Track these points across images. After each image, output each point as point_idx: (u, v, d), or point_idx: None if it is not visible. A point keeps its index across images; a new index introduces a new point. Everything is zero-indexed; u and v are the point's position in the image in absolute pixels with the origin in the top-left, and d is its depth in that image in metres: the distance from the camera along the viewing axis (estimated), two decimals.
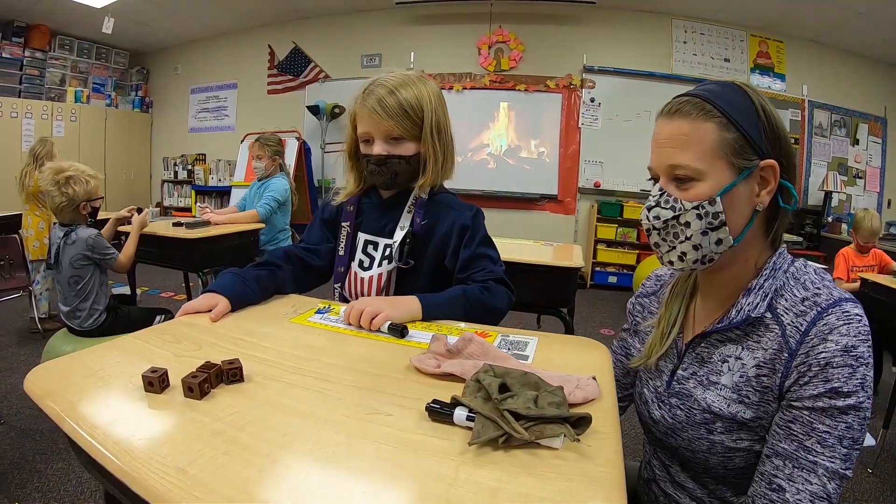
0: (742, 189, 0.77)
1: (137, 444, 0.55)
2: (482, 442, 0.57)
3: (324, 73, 6.60)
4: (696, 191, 0.77)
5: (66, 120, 6.43)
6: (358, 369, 0.79)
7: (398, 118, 1.12)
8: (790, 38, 5.89)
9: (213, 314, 0.99)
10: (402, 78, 1.15)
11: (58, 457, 2.14)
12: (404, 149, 1.16)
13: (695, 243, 0.79)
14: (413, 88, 1.14)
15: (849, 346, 0.69)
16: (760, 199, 0.79)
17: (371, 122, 1.14)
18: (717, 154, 0.76)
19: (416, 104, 1.13)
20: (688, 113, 0.78)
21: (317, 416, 0.63)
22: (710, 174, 0.77)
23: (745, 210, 0.79)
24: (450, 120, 1.22)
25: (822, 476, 0.68)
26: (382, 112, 1.11)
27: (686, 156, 0.77)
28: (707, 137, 0.76)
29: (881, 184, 6.18)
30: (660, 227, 0.82)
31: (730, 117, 0.76)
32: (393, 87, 1.12)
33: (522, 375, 0.69)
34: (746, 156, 0.77)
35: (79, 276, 2.29)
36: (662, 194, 0.81)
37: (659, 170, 0.82)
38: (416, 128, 1.15)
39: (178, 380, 0.68)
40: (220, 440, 0.57)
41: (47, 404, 0.64)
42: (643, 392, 0.97)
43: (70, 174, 2.26)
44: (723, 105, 0.77)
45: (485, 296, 1.13)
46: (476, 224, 1.22)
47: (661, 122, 0.82)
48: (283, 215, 3.48)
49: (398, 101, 1.11)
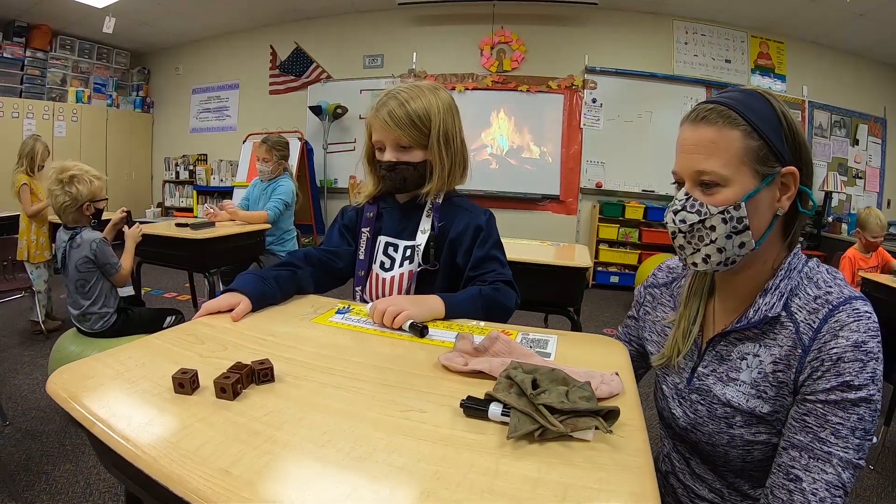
0: (765, 195, 0.80)
1: (175, 446, 0.55)
2: (519, 435, 0.59)
3: (326, 74, 6.61)
4: (721, 196, 0.80)
5: (68, 120, 6.42)
6: (386, 367, 0.79)
7: (406, 128, 1.19)
8: (791, 39, 5.91)
9: (235, 313, 1.00)
10: (415, 90, 1.22)
11: (65, 458, 2.13)
12: (412, 156, 1.23)
13: (719, 246, 0.81)
14: (423, 100, 1.21)
15: (859, 341, 0.72)
16: (781, 205, 0.82)
17: (383, 132, 1.22)
18: (741, 161, 0.78)
19: (425, 115, 1.20)
20: (713, 121, 0.80)
21: (353, 415, 0.64)
22: (735, 180, 0.79)
23: (766, 214, 0.81)
24: (461, 128, 1.29)
25: (836, 465, 0.71)
26: (392, 123, 1.19)
27: (712, 162, 0.79)
28: (732, 145, 0.78)
29: (881, 184, 6.21)
30: (686, 230, 0.83)
31: (754, 125, 0.78)
32: (404, 99, 1.20)
33: (550, 372, 0.70)
34: (769, 163, 0.79)
35: (85, 280, 2.29)
36: (688, 199, 0.83)
37: (684, 175, 0.84)
38: (424, 137, 1.22)
39: (208, 381, 0.68)
40: (260, 440, 0.57)
41: (74, 407, 0.63)
42: (662, 388, 1.00)
43: (74, 173, 2.25)
44: (747, 113, 0.79)
45: (498, 295, 1.19)
46: (490, 227, 1.29)
47: (687, 128, 0.84)
48: (289, 216, 3.50)
49: (407, 112, 1.19)
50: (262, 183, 3.52)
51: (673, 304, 1.03)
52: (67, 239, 2.29)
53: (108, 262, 2.30)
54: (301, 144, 6.08)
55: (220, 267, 3.02)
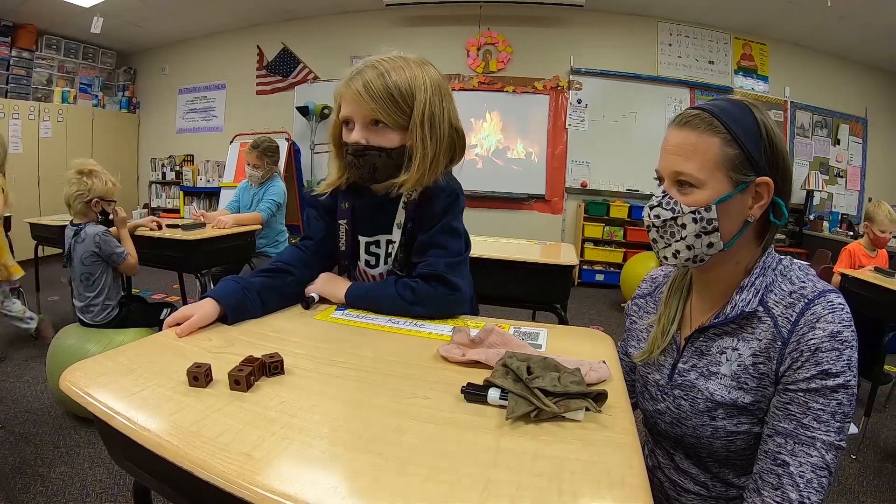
0: (736, 201, 0.85)
1: (196, 435, 0.58)
2: (517, 416, 0.64)
3: (313, 74, 6.61)
4: (695, 197, 0.85)
5: (53, 120, 6.34)
6: (388, 360, 0.84)
7: (382, 102, 1.01)
8: (773, 41, 6.03)
9: (181, 330, 0.90)
10: (399, 61, 1.05)
11: (60, 461, 2.14)
12: (386, 139, 1.05)
13: (688, 244, 0.87)
14: (406, 72, 1.03)
15: (834, 332, 0.77)
16: (752, 212, 0.86)
17: (353, 105, 1.04)
18: (717, 166, 0.83)
19: (407, 89, 1.03)
20: (696, 126, 0.85)
21: (362, 402, 0.68)
22: (710, 184, 0.84)
23: (737, 220, 0.86)
24: (452, 111, 1.11)
25: (820, 449, 0.75)
26: (366, 94, 1.01)
27: (690, 164, 0.84)
28: (711, 151, 0.83)
29: (861, 182, 6.34)
30: (659, 225, 0.89)
31: (734, 135, 0.83)
32: (385, 69, 1.02)
33: (542, 360, 0.75)
34: (744, 171, 0.84)
35: (90, 273, 2.38)
36: (665, 196, 0.88)
37: (664, 173, 0.89)
38: (404, 117, 1.04)
39: (220, 375, 0.72)
40: (277, 426, 0.61)
41: (90, 402, 0.65)
42: (646, 388, 1.04)
43: (94, 169, 2.41)
44: (729, 122, 0.83)
45: (406, 298, 1.07)
46: (448, 209, 1.11)
47: (672, 130, 0.89)
48: (281, 217, 3.51)
49: (386, 84, 1.01)
50: (252, 187, 3.50)
51: (656, 310, 1.08)
52: (72, 234, 2.40)
53: (114, 252, 2.40)
54: (288, 145, 6.07)
55: (212, 268, 3.04)
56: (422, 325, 1.05)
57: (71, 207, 2.41)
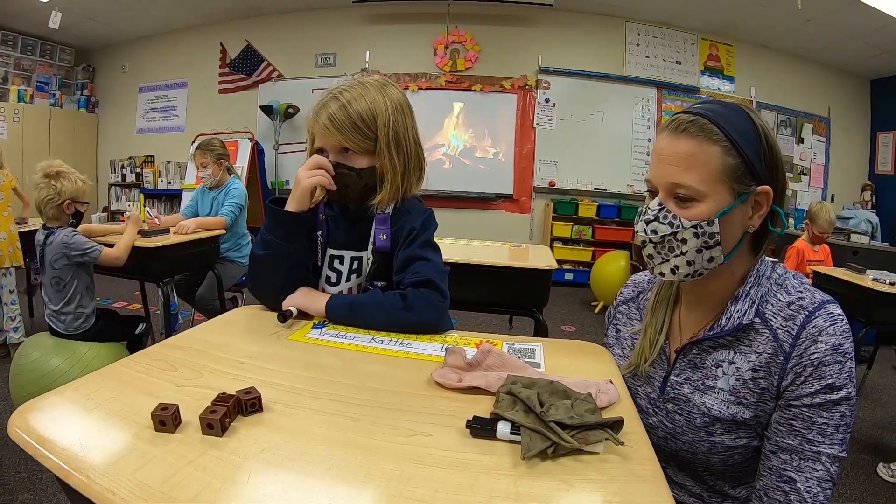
0: (738, 212, 0.81)
1: (168, 497, 0.49)
2: (534, 455, 0.58)
3: (277, 73, 6.45)
4: (696, 210, 0.80)
5: (9, 120, 6.03)
6: (377, 388, 0.76)
7: (348, 132, 1.08)
8: (740, 42, 6.16)
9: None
10: (359, 89, 1.10)
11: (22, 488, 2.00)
12: (357, 163, 1.12)
13: (689, 259, 0.82)
14: (367, 100, 1.09)
15: (836, 344, 0.75)
16: (752, 223, 0.83)
17: (322, 137, 1.12)
18: (719, 178, 0.79)
19: (370, 116, 1.09)
20: (694, 134, 0.79)
21: (356, 444, 0.60)
22: (711, 196, 0.79)
23: (737, 231, 0.83)
24: (416, 129, 1.17)
25: (825, 462, 0.74)
26: (332, 127, 1.08)
27: (690, 176, 0.79)
28: (712, 161, 0.78)
29: (825, 180, 6.54)
30: (657, 241, 0.84)
31: (735, 142, 0.78)
32: (346, 100, 1.08)
33: (549, 385, 0.69)
34: (746, 181, 0.80)
35: (59, 278, 2.29)
36: (661, 209, 0.83)
37: (659, 185, 0.84)
38: (369, 141, 1.10)
39: (190, 415, 0.62)
40: (262, 481, 0.52)
41: (44, 454, 0.55)
42: (635, 401, 0.99)
43: (61, 170, 2.31)
44: (728, 129, 0.79)
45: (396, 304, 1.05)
46: (424, 226, 1.16)
47: (666, 137, 0.83)
48: (243, 220, 3.37)
49: (349, 114, 1.07)
50: (209, 191, 3.35)
51: (640, 316, 1.03)
52: (43, 238, 2.31)
53: (84, 250, 2.29)
54: (252, 145, 5.91)
55: (174, 276, 2.88)
56: (408, 344, 0.96)
57: (43, 213, 2.32)
